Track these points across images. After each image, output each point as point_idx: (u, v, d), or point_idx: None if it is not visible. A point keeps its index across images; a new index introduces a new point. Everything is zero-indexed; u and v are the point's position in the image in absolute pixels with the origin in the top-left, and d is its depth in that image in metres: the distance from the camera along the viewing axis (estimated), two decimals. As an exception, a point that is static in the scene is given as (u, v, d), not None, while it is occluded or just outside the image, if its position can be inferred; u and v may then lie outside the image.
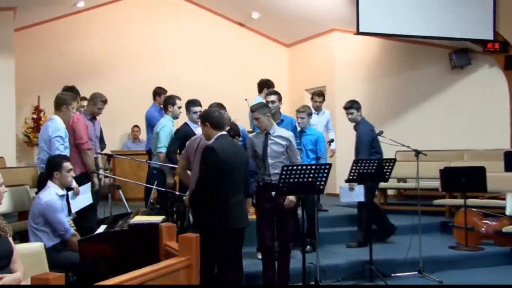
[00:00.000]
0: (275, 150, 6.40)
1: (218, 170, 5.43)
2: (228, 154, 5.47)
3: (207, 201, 5.47)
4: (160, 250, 4.32)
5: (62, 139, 6.76)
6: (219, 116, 5.66)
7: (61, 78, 12.32)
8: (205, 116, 5.72)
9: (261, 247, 6.52)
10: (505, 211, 8.31)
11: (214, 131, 5.60)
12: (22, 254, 4.28)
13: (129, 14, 13.22)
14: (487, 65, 11.74)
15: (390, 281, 6.96)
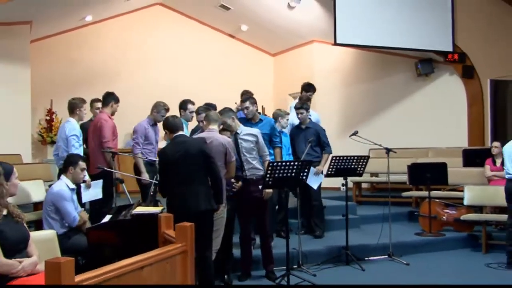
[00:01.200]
0: (245, 147, 6.43)
1: (162, 167, 5.51)
2: (171, 152, 5.42)
3: (163, 191, 5.55)
4: (159, 238, 4.30)
5: (77, 137, 6.96)
6: (172, 121, 5.63)
7: (71, 84, 12.37)
8: (164, 125, 5.74)
9: (240, 236, 6.47)
10: (463, 201, 8.34)
11: (171, 134, 5.60)
12: (36, 240, 4.26)
13: (131, 27, 13.19)
14: (447, 73, 11.82)
15: (364, 264, 6.96)
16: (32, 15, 10.28)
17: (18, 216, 4.06)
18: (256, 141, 6.52)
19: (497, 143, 9.07)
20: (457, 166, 9.58)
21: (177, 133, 5.56)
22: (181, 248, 3.90)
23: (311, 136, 7.75)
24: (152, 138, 7.59)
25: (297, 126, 8.01)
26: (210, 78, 13.38)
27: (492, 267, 7.04)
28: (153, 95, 8.66)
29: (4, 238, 3.80)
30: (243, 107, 7.45)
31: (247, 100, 7.38)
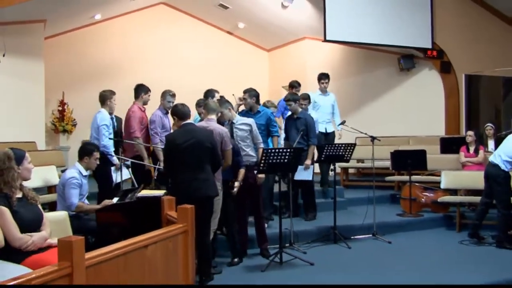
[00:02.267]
0: (240, 135, 6.43)
1: (169, 153, 5.40)
2: (180, 140, 5.30)
3: (169, 176, 5.54)
4: (162, 218, 4.30)
5: (107, 127, 6.94)
6: (181, 109, 5.50)
7: (81, 77, 12.35)
8: (172, 111, 5.65)
9: (236, 217, 6.36)
10: (440, 185, 8.37)
11: (179, 121, 5.51)
12: (50, 221, 4.26)
13: (137, 25, 13.10)
14: (427, 68, 11.82)
15: (350, 242, 6.98)
16: (46, 14, 10.24)
17: (33, 198, 4.08)
18: (250, 130, 6.50)
19: (470, 132, 9.09)
20: (435, 153, 9.60)
21: (185, 120, 5.46)
22: (182, 228, 3.91)
23: (302, 126, 7.71)
24: (168, 126, 7.48)
25: (290, 116, 7.97)
26: (210, 72, 13.31)
27: (464, 243, 7.08)
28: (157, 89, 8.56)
29: (19, 218, 3.82)
30: (242, 98, 7.43)
31: (247, 92, 7.36)
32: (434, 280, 5.37)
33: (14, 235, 3.76)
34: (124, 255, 3.17)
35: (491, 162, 6.99)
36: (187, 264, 3.94)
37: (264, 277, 5.57)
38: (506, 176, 6.84)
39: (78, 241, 2.72)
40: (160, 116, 7.34)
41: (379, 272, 5.75)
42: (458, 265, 6.03)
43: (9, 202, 3.84)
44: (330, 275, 5.62)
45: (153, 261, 3.50)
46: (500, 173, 6.83)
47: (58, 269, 2.62)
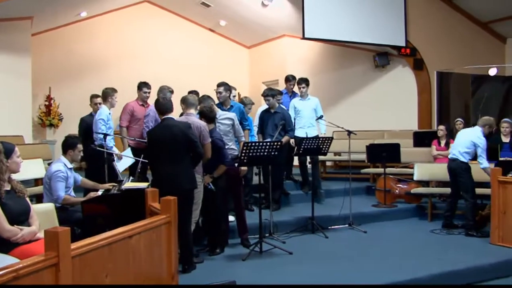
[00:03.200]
0: (222, 130, 6.45)
1: (150, 147, 5.43)
2: (159, 134, 5.33)
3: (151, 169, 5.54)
4: (146, 210, 4.29)
5: (104, 121, 6.99)
6: (161, 103, 5.50)
7: (68, 73, 12.27)
8: (155, 106, 5.63)
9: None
10: (413, 177, 8.45)
11: (160, 115, 5.52)
12: (37, 212, 4.24)
13: (122, 23, 13.02)
14: (401, 65, 11.92)
15: (327, 232, 7.01)
16: (33, 11, 10.14)
17: (21, 191, 4.05)
18: (232, 124, 6.51)
19: (442, 126, 9.21)
20: (408, 146, 9.69)
21: (166, 115, 5.43)
22: (165, 219, 3.91)
23: (279, 120, 7.70)
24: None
25: (267, 110, 7.94)
26: (192, 68, 13.27)
27: (435, 232, 7.18)
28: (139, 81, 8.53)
29: (7, 211, 3.79)
30: (216, 92, 7.40)
31: (222, 85, 7.34)
32: (407, 266, 5.44)
33: (3, 226, 3.72)
34: (109, 245, 3.17)
35: (451, 158, 7.21)
36: (170, 253, 3.95)
37: (245, 266, 5.59)
38: (467, 167, 7.05)
39: (64, 231, 2.72)
40: (154, 111, 7.34)
41: (355, 260, 5.80)
42: (428, 252, 6.10)
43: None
44: (308, 264, 5.66)
45: (137, 251, 3.50)
46: (461, 166, 7.05)
47: (44, 259, 2.61)
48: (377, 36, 11.10)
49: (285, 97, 8.90)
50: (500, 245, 6.36)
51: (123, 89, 11.97)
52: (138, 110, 7.63)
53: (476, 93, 12.38)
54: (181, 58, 13.44)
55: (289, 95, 9.01)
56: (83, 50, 12.49)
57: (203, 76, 12.62)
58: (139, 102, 7.71)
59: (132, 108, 7.62)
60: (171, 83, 8.05)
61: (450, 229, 7.25)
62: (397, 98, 11.80)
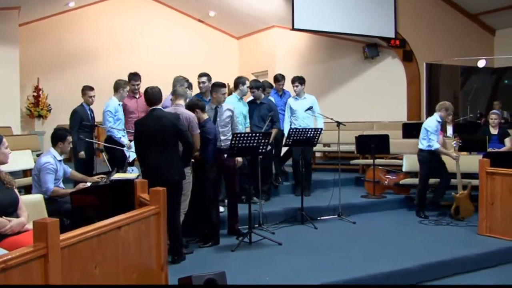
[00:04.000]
0: (222, 120, 6.43)
1: (138, 138, 5.42)
2: (148, 125, 5.31)
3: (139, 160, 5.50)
4: (135, 201, 4.29)
5: (111, 113, 7.05)
6: (150, 94, 5.43)
7: (57, 63, 12.20)
8: (144, 95, 5.54)
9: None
10: (402, 168, 8.51)
11: (149, 106, 5.47)
12: (26, 203, 4.23)
13: (110, 13, 12.95)
14: (390, 56, 11.97)
15: (317, 223, 7.04)
16: (20, 0, 10.05)
17: (9, 182, 4.03)
18: (231, 116, 6.48)
19: (431, 118, 9.24)
20: (397, 137, 9.72)
21: (154, 106, 5.41)
22: (154, 210, 3.91)
23: (265, 111, 7.65)
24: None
25: (252, 101, 7.91)
26: (181, 59, 13.21)
27: (423, 223, 7.24)
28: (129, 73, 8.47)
29: (-5, 202, 3.77)
30: (199, 82, 7.37)
31: (205, 76, 7.33)
32: (396, 259, 5.49)
33: None
34: (98, 236, 3.16)
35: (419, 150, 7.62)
36: (159, 244, 3.95)
37: (234, 257, 5.61)
38: (425, 155, 7.51)
39: (53, 222, 2.71)
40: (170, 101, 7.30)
41: (344, 250, 5.84)
42: (417, 243, 6.16)
43: (-15, 186, 3.79)
44: (297, 254, 5.68)
45: (126, 242, 3.50)
46: (422, 154, 7.56)
47: (33, 250, 2.60)
48: (367, 27, 11.13)
49: (275, 97, 8.68)
50: (487, 235, 6.42)
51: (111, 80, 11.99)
52: (129, 103, 7.51)
53: (465, 84, 12.47)
54: (170, 49, 13.40)
55: (279, 94, 8.87)
56: (72, 41, 12.42)
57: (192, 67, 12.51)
58: (130, 94, 7.56)
59: (123, 103, 7.51)
60: (160, 74, 8.08)
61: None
62: (386, 90, 11.85)
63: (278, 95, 8.77)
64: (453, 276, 5.35)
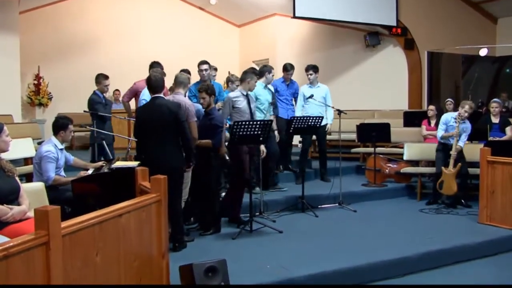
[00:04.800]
0: (241, 109, 6.51)
1: (139, 125, 5.40)
2: (148, 113, 5.30)
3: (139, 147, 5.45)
4: (136, 188, 4.29)
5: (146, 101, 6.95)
6: (153, 81, 5.38)
7: (57, 51, 12.18)
8: (146, 82, 5.50)
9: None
10: (403, 156, 8.51)
11: (151, 93, 5.44)
12: (27, 191, 4.23)
13: (111, 0, 12.88)
14: (392, 45, 11.91)
15: (317, 211, 7.04)
16: (20, -12, 10.01)
17: (10, 170, 4.03)
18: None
19: (432, 107, 9.22)
20: (398, 126, 9.73)
21: (156, 93, 5.37)
22: (155, 198, 3.91)
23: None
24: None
25: None
26: (182, 47, 13.19)
27: (424, 211, 7.26)
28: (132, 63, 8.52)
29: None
30: (202, 69, 7.37)
31: (206, 63, 7.37)
32: (396, 247, 5.50)
33: None
34: (99, 224, 3.17)
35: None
36: (160, 232, 3.96)
37: (236, 245, 5.62)
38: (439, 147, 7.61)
39: (54, 210, 2.71)
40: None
41: (345, 239, 5.84)
42: (417, 231, 6.17)
43: (-14, 173, 3.79)
44: (298, 242, 5.69)
45: (128, 230, 3.51)
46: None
47: (35, 237, 2.61)
48: (368, 15, 11.06)
49: (282, 86, 8.65)
50: (488, 224, 6.43)
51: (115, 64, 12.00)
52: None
53: (467, 73, 12.43)
54: (170, 36, 13.35)
55: (287, 83, 8.78)
56: (72, 29, 12.38)
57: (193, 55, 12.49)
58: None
59: (137, 88, 7.53)
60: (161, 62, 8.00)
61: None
62: (387, 78, 11.81)
63: (285, 84, 8.71)
64: (453, 264, 5.36)
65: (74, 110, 10.58)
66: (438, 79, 12.16)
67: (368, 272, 4.91)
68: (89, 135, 7.06)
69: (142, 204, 3.73)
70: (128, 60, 8.10)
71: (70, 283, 2.86)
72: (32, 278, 2.59)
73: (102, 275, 3.19)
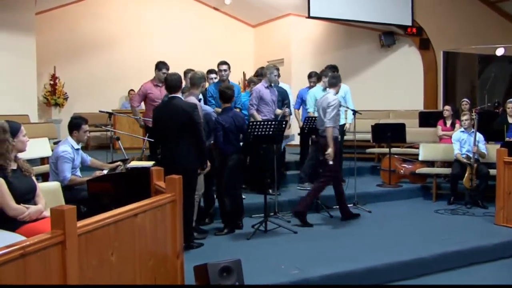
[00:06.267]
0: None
1: (155, 124, 5.45)
2: (164, 113, 5.34)
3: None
4: (151, 188, 4.30)
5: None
6: (169, 81, 5.41)
7: (73, 52, 12.26)
8: (164, 82, 5.54)
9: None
10: (418, 157, 8.44)
11: (168, 93, 5.46)
12: (43, 191, 4.26)
13: (126, 0, 12.97)
14: (407, 45, 11.83)
15: (332, 211, 7.01)
16: (36, -12, 10.10)
17: (27, 170, 4.06)
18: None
19: (447, 107, 9.15)
20: (413, 126, 9.65)
21: (173, 93, 5.38)
22: (170, 198, 3.92)
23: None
24: (268, 99, 7.40)
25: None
26: (197, 47, 13.20)
27: (439, 212, 7.19)
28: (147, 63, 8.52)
29: (13, 189, 3.82)
30: (221, 70, 7.38)
31: (226, 64, 7.37)
32: (410, 247, 5.46)
33: (9, 205, 3.76)
34: (115, 223, 3.18)
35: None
36: (175, 232, 3.97)
37: (250, 244, 5.62)
38: None
39: (70, 209, 2.72)
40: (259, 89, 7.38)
41: (359, 239, 5.82)
42: (432, 232, 6.12)
43: (4, 173, 3.82)
44: (312, 243, 5.68)
45: (143, 229, 3.52)
46: None
47: (51, 236, 2.62)
48: (383, 15, 11.00)
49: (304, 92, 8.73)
50: (504, 225, 6.36)
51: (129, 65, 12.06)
52: (153, 91, 7.47)
53: (483, 73, 12.30)
54: (185, 36, 13.37)
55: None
56: (88, 29, 12.44)
57: (208, 55, 12.55)
58: (154, 82, 7.55)
59: (146, 90, 7.50)
60: (174, 62, 8.04)
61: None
62: (403, 78, 11.73)
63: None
64: (469, 266, 5.31)
65: (89, 110, 10.67)
66: (454, 79, 12.05)
67: (384, 273, 4.88)
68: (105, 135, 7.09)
69: (157, 204, 3.74)
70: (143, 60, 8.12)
71: (86, 282, 2.87)
72: (48, 276, 2.61)
73: (117, 275, 3.20)
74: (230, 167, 6.06)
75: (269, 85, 7.40)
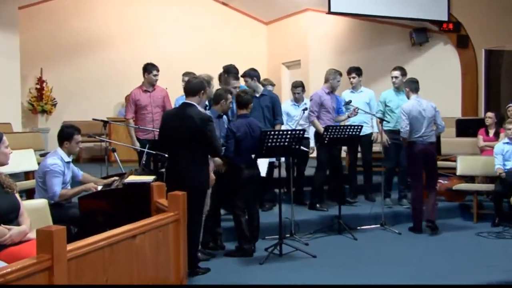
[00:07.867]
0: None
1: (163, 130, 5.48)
2: (169, 119, 5.41)
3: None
4: (151, 206, 4.30)
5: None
6: (189, 82, 5.50)
7: (62, 52, 12.31)
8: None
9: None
10: (455, 171, 8.38)
11: (188, 97, 5.46)
12: (28, 209, 4.25)
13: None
14: (442, 42, 11.78)
15: (356, 233, 6.99)
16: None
17: (9, 186, 4.02)
18: None
19: (490, 114, 9.08)
20: (450, 136, 9.58)
21: (188, 99, 5.39)
22: (173, 217, 3.92)
23: (267, 103, 7.52)
24: (328, 106, 7.76)
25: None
26: (203, 46, 13.27)
27: (482, 235, 7.11)
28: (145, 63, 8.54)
29: (-7, 208, 3.79)
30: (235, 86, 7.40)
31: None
32: (450, 277, 5.39)
33: None
34: (110, 246, 3.17)
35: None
36: (178, 255, 3.96)
37: (263, 270, 5.59)
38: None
39: (58, 231, 2.72)
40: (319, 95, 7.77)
41: (388, 266, 5.78)
42: (474, 258, 6.06)
43: (-18, 190, 3.82)
44: (334, 269, 5.65)
45: (142, 253, 3.51)
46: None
47: (37, 262, 2.62)
48: (414, 9, 10.97)
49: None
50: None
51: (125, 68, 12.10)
52: (142, 98, 7.56)
53: (532, 74, 12.18)
54: (190, 35, 13.44)
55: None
56: (80, 26, 12.49)
57: (215, 55, 12.60)
58: (143, 88, 7.64)
59: (134, 97, 7.58)
60: (179, 63, 8.09)
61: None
62: (437, 81, 11.66)
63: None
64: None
65: (81, 118, 10.72)
66: (497, 82, 11.95)
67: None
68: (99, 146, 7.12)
69: (158, 224, 3.74)
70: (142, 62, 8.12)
71: (76, 313, 2.86)
72: (33, 308, 2.60)
73: (112, 305, 3.19)
74: (242, 182, 6.05)
75: (331, 91, 7.79)
